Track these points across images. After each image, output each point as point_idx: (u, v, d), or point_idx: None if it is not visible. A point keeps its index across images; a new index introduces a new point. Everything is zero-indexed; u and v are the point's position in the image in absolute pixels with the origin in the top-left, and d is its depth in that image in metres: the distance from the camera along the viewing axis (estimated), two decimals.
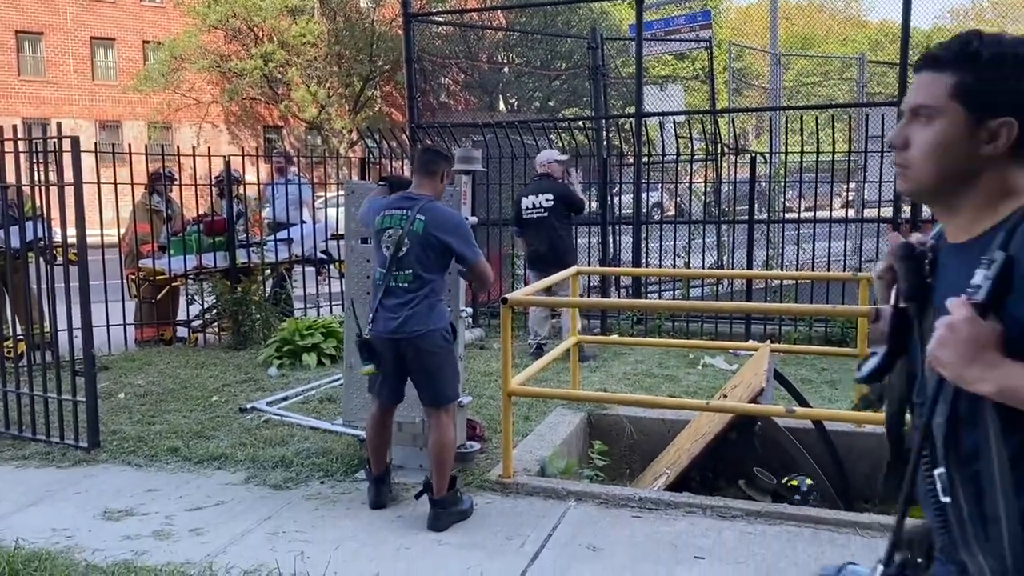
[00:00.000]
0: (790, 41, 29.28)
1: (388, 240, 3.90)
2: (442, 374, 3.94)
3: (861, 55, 14.47)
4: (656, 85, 11.88)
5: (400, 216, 3.90)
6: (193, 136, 26.86)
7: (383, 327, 3.89)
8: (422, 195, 3.96)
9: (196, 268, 8.03)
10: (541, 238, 7.24)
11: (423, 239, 3.86)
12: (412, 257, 3.86)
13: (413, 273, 3.87)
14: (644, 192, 8.57)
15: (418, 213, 3.87)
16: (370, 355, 3.91)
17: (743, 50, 22.28)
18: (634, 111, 8.47)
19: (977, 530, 1.29)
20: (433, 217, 3.88)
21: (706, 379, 6.54)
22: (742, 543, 3.66)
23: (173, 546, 3.73)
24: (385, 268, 3.90)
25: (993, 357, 1.23)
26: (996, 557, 1.25)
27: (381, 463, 4.14)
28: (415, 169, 4.10)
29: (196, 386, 6.37)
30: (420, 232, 3.85)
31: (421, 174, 4.02)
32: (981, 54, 1.33)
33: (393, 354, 3.91)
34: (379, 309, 3.91)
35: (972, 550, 1.29)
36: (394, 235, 3.88)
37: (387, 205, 3.98)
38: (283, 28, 26.42)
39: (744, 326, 7.97)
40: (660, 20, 14.62)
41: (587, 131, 10.31)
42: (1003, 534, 1.24)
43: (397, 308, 3.86)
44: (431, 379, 3.93)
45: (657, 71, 22.49)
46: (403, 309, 3.85)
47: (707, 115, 9.40)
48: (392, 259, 3.87)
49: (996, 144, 1.32)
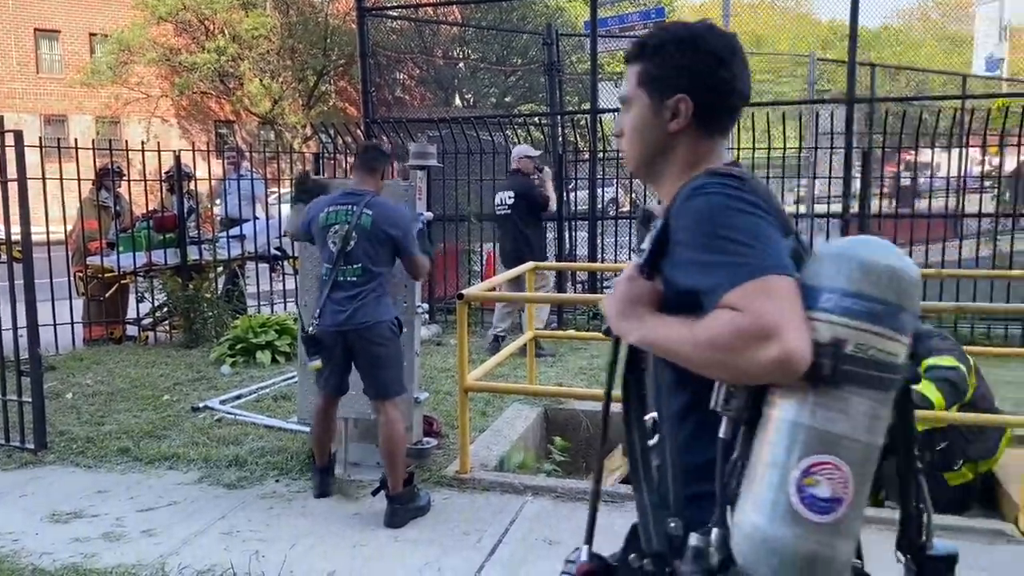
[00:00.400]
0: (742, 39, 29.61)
1: (335, 236, 3.93)
2: (388, 365, 3.97)
3: (811, 53, 14.70)
4: (611, 81, 11.94)
5: (346, 212, 3.94)
6: (143, 131, 26.31)
7: (330, 320, 3.92)
8: (365, 191, 4.02)
9: (146, 265, 7.88)
10: (506, 234, 7.29)
11: (371, 234, 3.90)
12: (360, 251, 3.90)
13: (362, 267, 3.91)
14: (600, 188, 8.62)
15: (365, 208, 3.92)
16: (316, 350, 3.94)
17: None
18: (589, 107, 8.52)
19: (647, 471, 1.44)
20: (380, 212, 3.94)
21: None
22: None
23: (124, 548, 3.66)
24: (332, 264, 3.93)
25: (642, 312, 1.38)
26: (659, 493, 1.42)
27: (325, 454, 4.19)
28: (356, 166, 4.18)
29: (147, 385, 6.26)
30: (368, 227, 3.90)
31: (363, 171, 4.10)
32: (648, 43, 1.49)
33: (341, 346, 3.95)
34: (327, 303, 3.93)
35: (640, 488, 1.44)
36: (341, 230, 3.91)
37: (331, 202, 4.02)
38: (235, 22, 26.00)
39: None
40: (615, 17, 14.73)
41: (543, 127, 10.32)
42: (667, 476, 1.39)
43: (345, 301, 3.90)
44: (377, 371, 3.96)
45: (612, 67, 22.61)
46: (351, 302, 3.89)
47: None
48: (340, 254, 3.91)
49: (678, 120, 1.47)
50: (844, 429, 1.22)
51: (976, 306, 6.42)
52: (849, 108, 7.68)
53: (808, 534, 1.21)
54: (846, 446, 1.22)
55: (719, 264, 1.28)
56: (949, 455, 4.06)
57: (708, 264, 1.29)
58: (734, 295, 1.24)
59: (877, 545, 1.57)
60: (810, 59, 14.12)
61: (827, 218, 8.34)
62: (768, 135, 7.69)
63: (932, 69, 24.88)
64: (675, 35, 1.47)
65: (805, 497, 1.21)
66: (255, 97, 26.61)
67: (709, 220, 1.31)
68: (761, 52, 24.49)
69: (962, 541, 3.57)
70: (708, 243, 1.30)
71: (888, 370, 1.23)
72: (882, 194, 8.58)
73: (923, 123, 7.38)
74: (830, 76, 19.27)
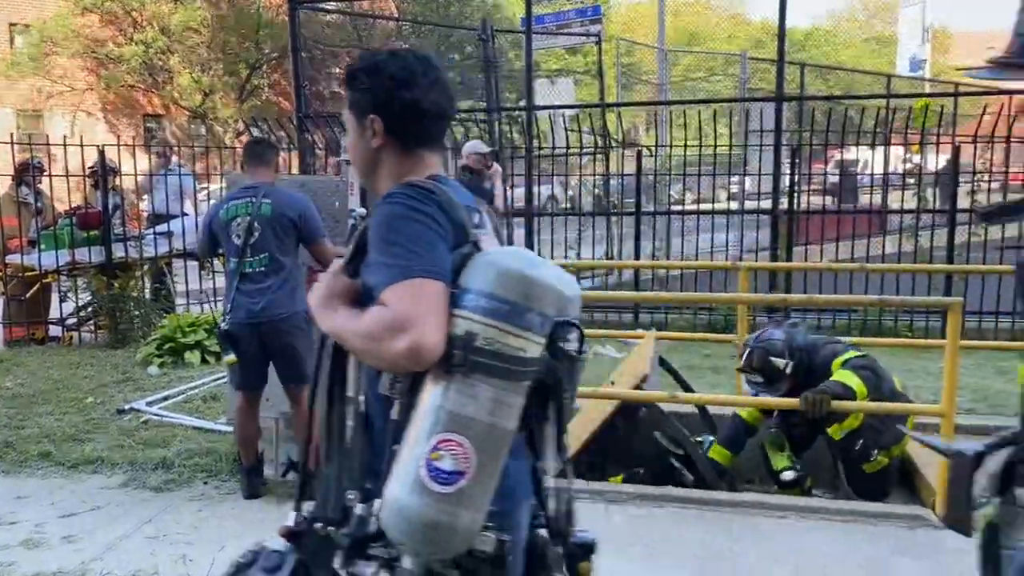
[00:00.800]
0: (677, 37, 30.06)
1: (238, 228, 3.94)
2: (305, 354, 3.96)
3: (743, 52, 14.98)
4: (548, 79, 11.97)
5: (245, 204, 3.96)
6: (67, 125, 25.42)
7: (243, 314, 3.90)
8: (261, 182, 4.05)
9: (69, 263, 7.62)
10: None
11: (273, 220, 3.93)
12: (264, 240, 3.92)
13: (269, 256, 3.92)
14: (536, 185, 8.64)
15: (263, 198, 3.96)
16: (230, 345, 3.91)
17: (633, 45, 22.71)
18: (525, 104, 8.53)
19: (341, 446, 1.59)
20: (278, 199, 3.98)
21: (596, 367, 6.65)
22: (630, 527, 3.75)
23: (44, 555, 3.54)
24: (239, 256, 3.93)
25: (337, 304, 1.57)
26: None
27: (251, 454, 4.14)
28: (248, 160, 4.22)
29: (70, 387, 6.06)
30: (269, 214, 3.93)
31: (256, 164, 4.14)
32: (349, 71, 1.71)
33: (255, 340, 3.93)
34: (236, 296, 3.92)
35: (332, 461, 1.59)
36: (243, 222, 3.93)
37: (230, 198, 4.07)
38: (164, 14, 25.31)
39: (632, 315, 8.16)
40: (552, 14, 14.79)
41: (478, 123, 10.29)
42: (355, 452, 1.55)
43: (256, 293, 3.90)
44: (295, 359, 3.95)
45: (549, 65, 22.70)
46: (263, 294, 3.89)
47: (596, 109, 9.55)
48: (244, 245, 3.91)
49: (376, 137, 1.67)
50: (471, 412, 1.40)
51: (899, 299, 6.62)
52: (778, 106, 7.85)
53: (433, 503, 1.38)
54: (472, 427, 1.40)
55: (385, 265, 1.49)
56: (865, 449, 4.18)
57: (379, 264, 1.50)
58: (387, 293, 1.46)
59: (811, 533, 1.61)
60: (742, 58, 14.38)
61: (757, 215, 8.50)
62: (699, 132, 7.80)
63: (859, 69, 25.63)
64: (364, 63, 1.69)
65: (431, 470, 1.38)
66: (185, 91, 25.94)
67: (386, 226, 1.52)
68: (693, 50, 24.88)
69: (885, 527, 3.69)
70: (382, 246, 1.51)
71: (514, 363, 1.41)
72: (810, 191, 8.78)
73: (850, 121, 7.56)
74: (762, 75, 19.66)
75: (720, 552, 3.50)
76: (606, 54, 17.62)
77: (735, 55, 17.04)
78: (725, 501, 3.97)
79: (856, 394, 3.98)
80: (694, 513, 3.87)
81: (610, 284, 9.44)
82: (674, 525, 3.76)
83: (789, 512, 3.85)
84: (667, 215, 9.04)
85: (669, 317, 8.11)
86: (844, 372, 4.09)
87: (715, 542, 3.58)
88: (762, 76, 19.54)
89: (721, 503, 3.95)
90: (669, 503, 3.96)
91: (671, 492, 4.08)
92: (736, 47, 22.94)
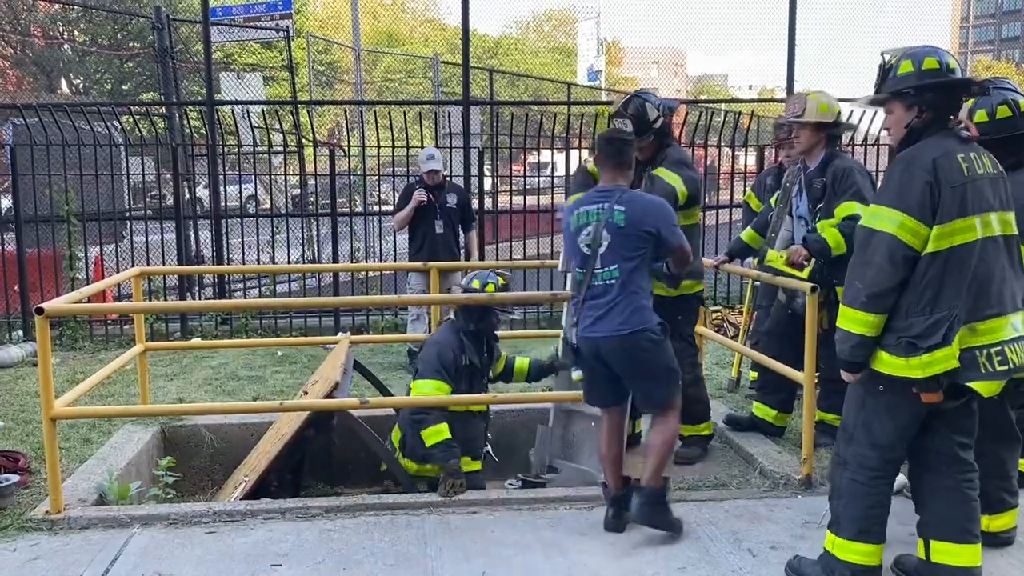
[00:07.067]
0: (376, 38, 30.15)
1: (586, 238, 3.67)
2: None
3: (435, 56, 15.34)
4: (234, 73, 11.36)
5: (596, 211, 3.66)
6: None
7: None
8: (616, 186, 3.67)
9: None
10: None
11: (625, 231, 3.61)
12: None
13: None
14: (222, 184, 8.15)
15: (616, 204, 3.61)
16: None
17: (332, 45, 22.38)
18: (205, 98, 8.01)
19: None
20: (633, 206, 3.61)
21: (293, 376, 6.41)
22: (321, 542, 3.62)
23: None
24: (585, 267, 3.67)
25: None
26: None
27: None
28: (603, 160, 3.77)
29: None
30: (622, 224, 3.59)
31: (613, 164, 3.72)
32: None
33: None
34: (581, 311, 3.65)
35: None
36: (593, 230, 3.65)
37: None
38: None
39: (333, 319, 7.98)
40: (241, 5, 14.05)
41: (154, 118, 9.50)
42: None
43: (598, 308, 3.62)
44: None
45: (244, 59, 21.65)
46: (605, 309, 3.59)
47: (288, 106, 9.23)
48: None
49: None
50: None
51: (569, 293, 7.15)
52: (465, 110, 8.07)
53: None
54: None
55: None
56: None
57: None
58: None
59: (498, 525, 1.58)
60: (434, 61, 14.71)
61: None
62: (391, 134, 7.82)
63: (545, 77, 27.43)
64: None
65: None
66: None
67: None
68: (388, 51, 25.09)
69: (565, 510, 3.89)
70: None
71: None
72: (497, 191, 9.17)
73: (540, 126, 7.99)
74: (459, 79, 20.31)
75: (411, 556, 3.47)
76: (303, 51, 17.18)
77: (431, 58, 17.42)
78: (419, 504, 3.97)
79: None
80: (387, 520, 3.82)
81: (311, 288, 9.18)
82: (366, 534, 3.68)
83: (478, 507, 3.93)
84: (363, 216, 8.94)
85: (371, 319, 8.04)
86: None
87: (406, 548, 3.55)
88: (459, 80, 20.18)
89: (415, 505, 3.95)
90: (362, 512, 3.88)
91: (363, 501, 4.00)
92: (431, 51, 23.49)
